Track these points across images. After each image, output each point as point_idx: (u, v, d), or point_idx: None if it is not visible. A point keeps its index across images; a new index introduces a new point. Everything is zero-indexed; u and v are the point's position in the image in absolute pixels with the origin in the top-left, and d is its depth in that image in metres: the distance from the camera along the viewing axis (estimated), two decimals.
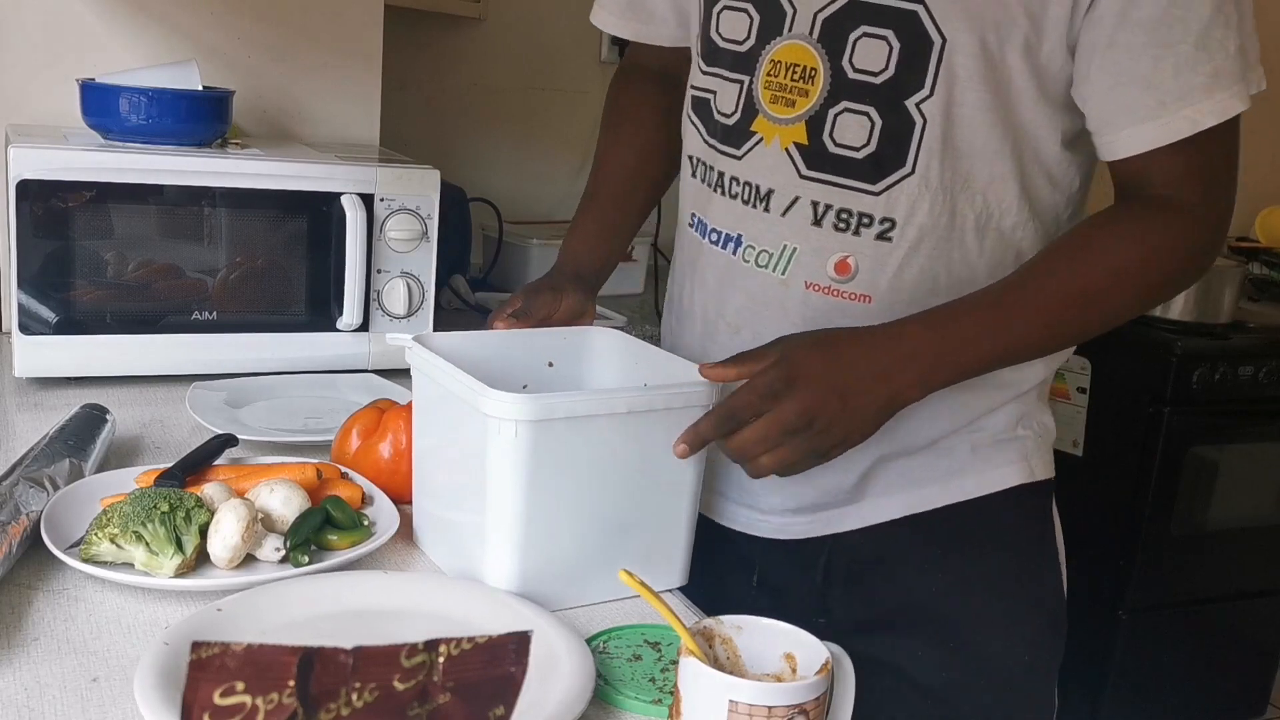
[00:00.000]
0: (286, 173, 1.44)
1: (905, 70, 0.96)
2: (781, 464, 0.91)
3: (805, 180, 1.02)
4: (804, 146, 1.01)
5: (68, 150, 1.35)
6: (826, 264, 1.02)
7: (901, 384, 0.92)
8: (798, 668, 0.78)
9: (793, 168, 1.02)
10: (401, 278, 1.50)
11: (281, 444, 1.23)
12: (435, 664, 0.80)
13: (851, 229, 1.01)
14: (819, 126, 1.00)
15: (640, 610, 0.97)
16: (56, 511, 0.97)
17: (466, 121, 2.43)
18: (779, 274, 1.05)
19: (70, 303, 1.36)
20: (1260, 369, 2.49)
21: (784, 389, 0.89)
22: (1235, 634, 2.71)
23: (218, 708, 0.74)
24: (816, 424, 0.89)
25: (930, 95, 0.96)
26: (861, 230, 1.00)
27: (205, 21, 1.68)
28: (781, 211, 1.03)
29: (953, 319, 0.95)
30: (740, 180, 1.07)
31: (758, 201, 1.05)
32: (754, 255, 1.06)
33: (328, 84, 1.78)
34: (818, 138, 1.00)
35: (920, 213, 0.99)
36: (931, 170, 0.98)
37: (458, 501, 0.99)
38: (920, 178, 0.98)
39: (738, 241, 1.08)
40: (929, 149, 0.97)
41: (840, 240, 1.01)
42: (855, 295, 1.02)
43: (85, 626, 0.87)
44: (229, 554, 0.93)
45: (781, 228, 1.04)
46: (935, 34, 0.95)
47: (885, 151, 0.98)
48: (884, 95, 0.97)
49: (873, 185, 0.99)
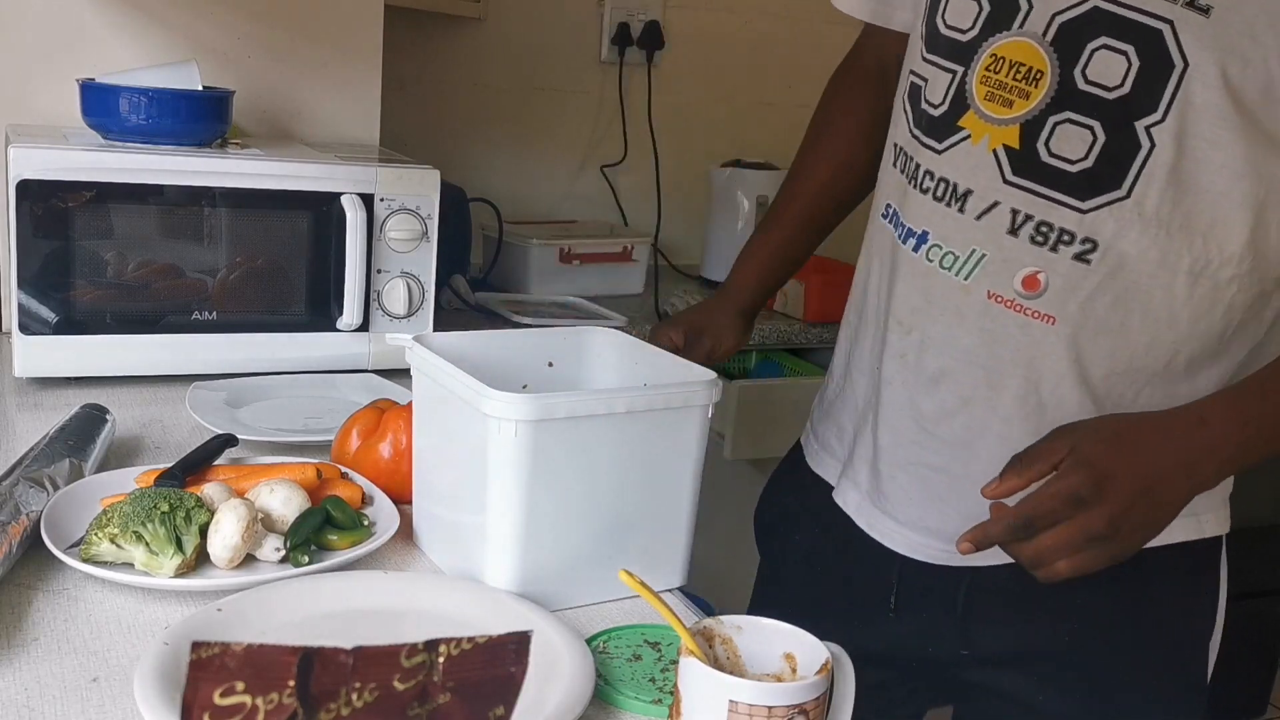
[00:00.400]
0: (286, 173, 1.44)
1: (1141, 90, 0.90)
2: (1078, 570, 0.86)
3: (1009, 185, 0.96)
4: (1014, 150, 0.95)
5: (68, 150, 1.35)
6: (1015, 276, 0.96)
7: (1205, 475, 0.88)
8: (798, 668, 0.78)
9: (997, 170, 0.96)
10: (401, 278, 1.50)
11: (281, 444, 1.23)
12: (435, 664, 0.80)
13: (1049, 244, 0.95)
14: (1035, 132, 0.94)
15: (640, 610, 0.97)
16: (56, 511, 0.97)
17: (466, 121, 2.43)
18: (962, 278, 0.99)
19: (70, 303, 1.36)
20: None
21: (1091, 495, 0.84)
22: (1235, 634, 2.71)
23: (218, 708, 0.74)
24: (1124, 529, 0.85)
25: (1162, 120, 0.90)
26: (1060, 247, 0.94)
27: (205, 21, 1.68)
28: (977, 215, 0.98)
29: (1261, 402, 0.89)
30: (936, 175, 1.01)
31: (953, 200, 0.99)
32: (939, 255, 1.00)
33: (328, 84, 1.78)
34: (1031, 144, 0.95)
35: (1127, 241, 0.93)
36: (1148, 199, 0.91)
37: (458, 501, 0.99)
38: (1135, 204, 0.92)
39: (922, 239, 1.02)
40: (1150, 175, 0.91)
41: (1034, 254, 0.95)
42: (1039, 314, 0.96)
43: (85, 626, 0.87)
44: (229, 554, 0.93)
45: (974, 231, 0.98)
46: (1178, 57, 0.89)
47: (1103, 170, 0.92)
48: (1113, 112, 0.91)
49: (1081, 202, 0.93)
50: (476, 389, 0.91)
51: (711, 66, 2.61)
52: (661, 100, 2.52)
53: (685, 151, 2.52)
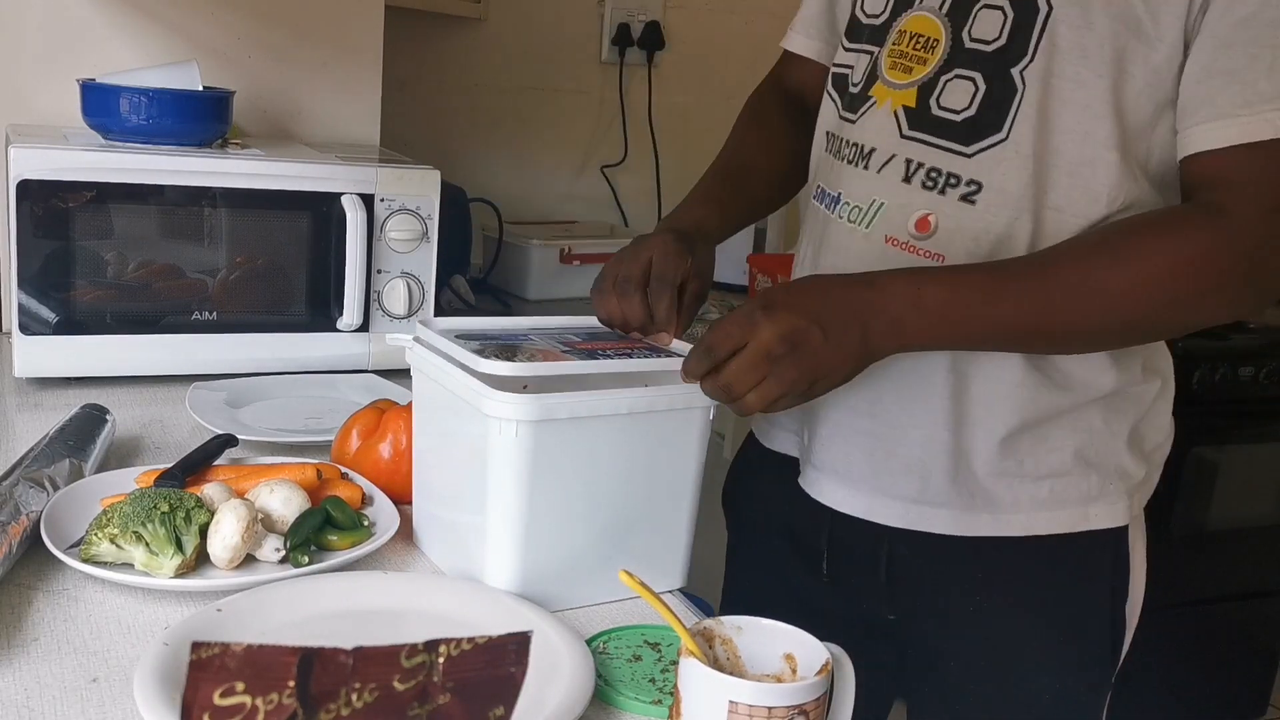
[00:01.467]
0: (286, 173, 1.44)
1: (1015, 39, 0.97)
2: (766, 398, 0.90)
3: (905, 140, 1.03)
4: (910, 109, 1.03)
5: (68, 150, 1.35)
6: (909, 220, 1.03)
7: (875, 328, 0.91)
8: (798, 668, 0.78)
9: (896, 128, 1.04)
10: (402, 278, 1.50)
11: (281, 444, 1.23)
12: (435, 664, 0.80)
13: (939, 188, 1.01)
14: (929, 91, 1.02)
15: (640, 610, 0.97)
16: (56, 511, 0.97)
17: (466, 121, 2.43)
18: (864, 228, 1.06)
19: (70, 303, 1.36)
20: (1260, 369, 2.49)
21: (763, 316, 0.89)
22: (1235, 634, 2.71)
23: (218, 708, 0.74)
24: (798, 350, 0.89)
25: (1031, 62, 0.96)
26: (947, 190, 1.01)
27: (205, 21, 1.68)
28: (878, 169, 1.05)
29: (935, 279, 0.94)
30: (850, 142, 1.09)
31: (860, 160, 1.07)
32: (848, 211, 1.07)
33: (328, 84, 1.78)
34: (925, 101, 1.02)
35: (1008, 180, 0.98)
36: (1024, 139, 0.97)
37: (458, 502, 0.99)
38: (1013, 145, 0.98)
39: (837, 199, 1.09)
40: (1025, 116, 0.97)
41: (925, 198, 1.02)
42: (930, 253, 1.02)
43: (85, 626, 0.87)
44: (229, 554, 0.93)
45: (874, 183, 1.05)
46: (1044, 2, 0.96)
47: (984, 116, 0.99)
48: (993, 62, 0.99)
49: (966, 147, 1.00)
50: (477, 389, 0.91)
51: (711, 66, 2.61)
52: (661, 100, 2.52)
53: (685, 151, 2.52)
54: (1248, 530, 2.63)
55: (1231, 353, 2.46)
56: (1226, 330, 2.50)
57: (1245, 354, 2.47)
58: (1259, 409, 2.54)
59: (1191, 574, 2.58)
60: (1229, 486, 2.57)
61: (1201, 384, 2.43)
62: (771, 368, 0.89)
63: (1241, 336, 2.51)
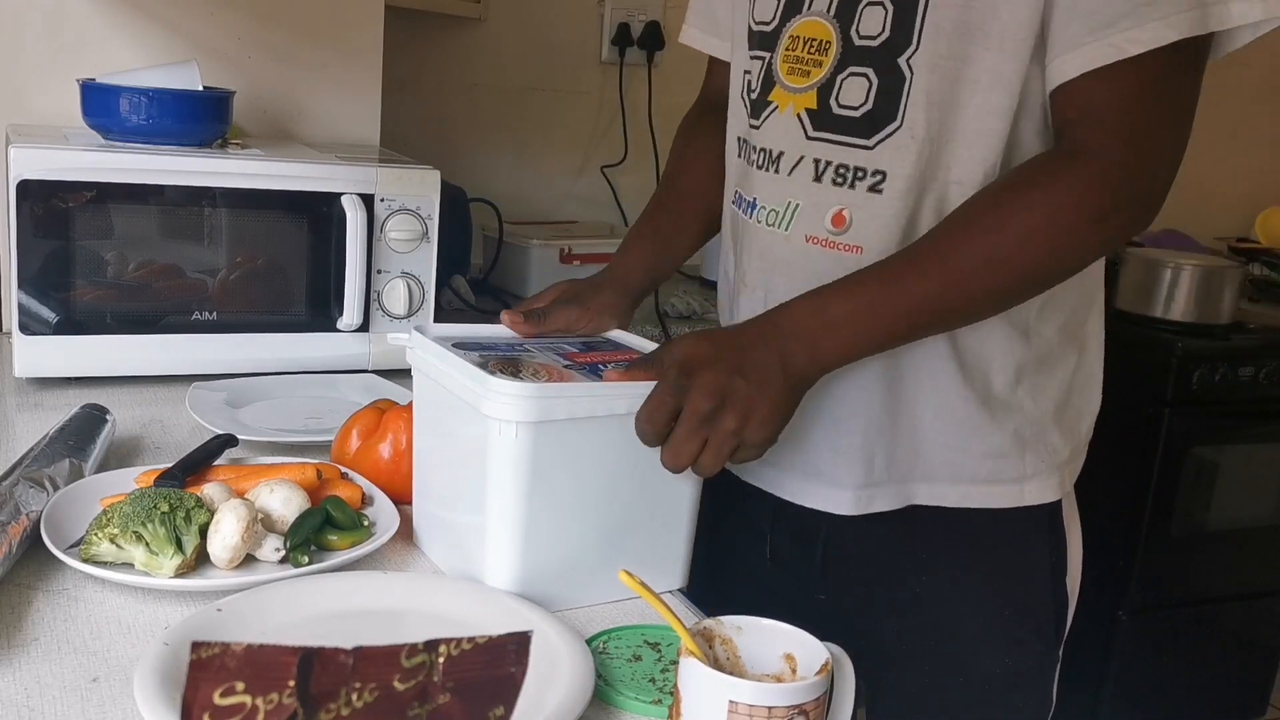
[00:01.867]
0: (286, 173, 1.44)
1: (898, 30, 1.00)
2: (721, 455, 0.91)
3: (811, 141, 1.07)
4: (812, 111, 1.06)
5: (68, 150, 1.35)
6: (825, 217, 1.06)
7: (792, 358, 0.93)
8: (798, 668, 0.78)
9: (801, 131, 1.07)
10: (402, 278, 1.50)
11: (281, 444, 1.23)
12: (435, 664, 0.80)
13: (848, 183, 1.04)
14: (828, 92, 1.05)
15: (640, 610, 0.97)
16: (56, 511, 0.97)
17: (466, 121, 2.43)
18: (783, 230, 1.09)
19: (70, 303, 1.36)
20: (1260, 369, 2.49)
21: (685, 381, 0.90)
22: (1235, 634, 2.71)
23: (218, 708, 0.74)
24: (728, 401, 0.90)
25: (916, 49, 0.99)
26: (856, 184, 1.04)
27: (206, 22, 1.68)
28: (789, 171, 1.08)
29: (835, 296, 0.96)
30: (757, 147, 1.12)
31: (770, 164, 1.10)
32: (765, 215, 1.11)
33: (328, 84, 1.78)
34: (825, 102, 1.05)
35: (908, 164, 1.01)
36: (918, 123, 1.00)
37: (458, 502, 0.99)
38: (908, 130, 1.01)
39: (753, 205, 1.13)
40: (915, 102, 1.00)
41: (838, 194, 1.05)
42: (848, 246, 1.05)
43: (85, 626, 0.87)
44: (229, 554, 0.93)
45: (787, 185, 1.08)
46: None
47: (880, 108, 1.02)
48: (881, 55, 1.02)
49: (867, 140, 1.03)
50: (476, 390, 0.91)
51: None
52: (662, 100, 2.52)
53: None
54: (1248, 530, 2.63)
55: (1231, 353, 2.46)
56: (1226, 330, 2.51)
57: (1245, 354, 2.47)
58: (1259, 409, 2.54)
59: (1191, 574, 2.58)
60: (1229, 486, 2.57)
61: (1201, 384, 2.43)
62: (709, 427, 0.90)
63: (1241, 336, 2.51)
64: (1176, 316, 2.48)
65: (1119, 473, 2.51)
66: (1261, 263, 3.05)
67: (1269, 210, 3.35)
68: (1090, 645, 2.56)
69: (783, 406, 0.93)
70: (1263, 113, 3.33)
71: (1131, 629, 2.54)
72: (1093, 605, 2.59)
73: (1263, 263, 3.05)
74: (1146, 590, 2.53)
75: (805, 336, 0.94)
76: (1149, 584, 2.53)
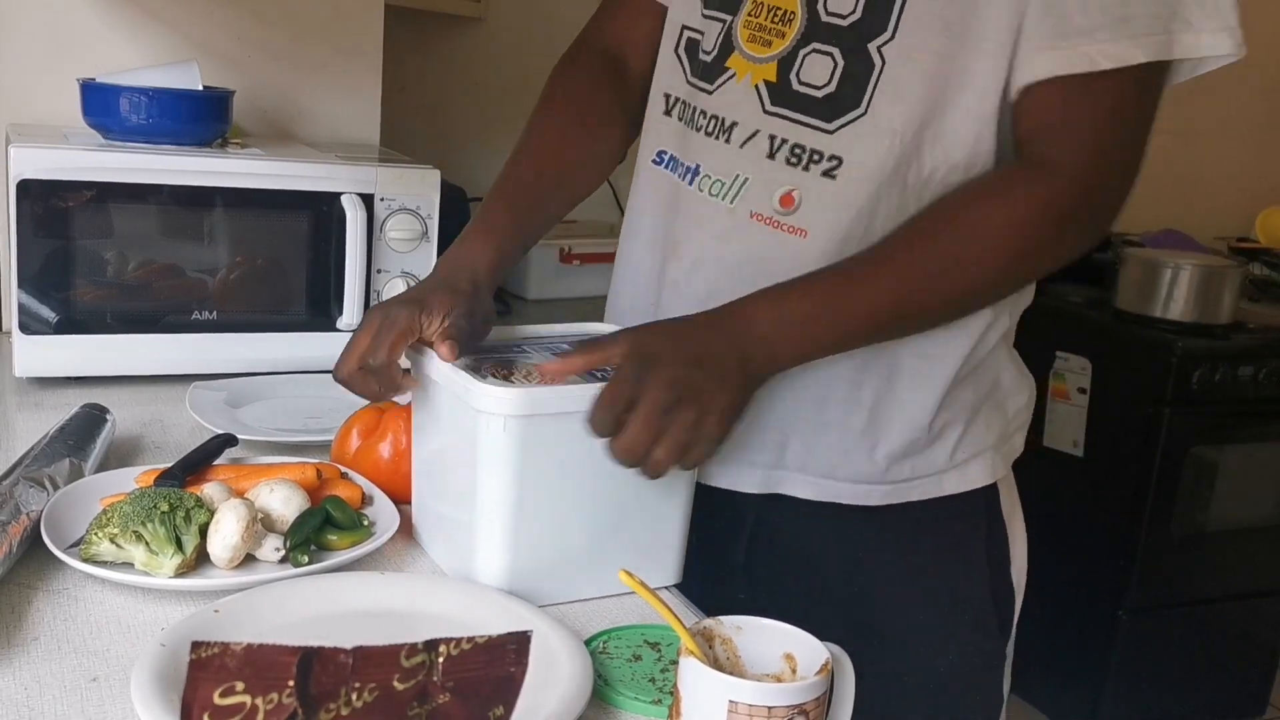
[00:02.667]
0: (286, 173, 1.44)
1: (870, 12, 0.98)
2: (677, 448, 0.89)
3: (768, 115, 1.04)
4: (772, 84, 1.04)
5: (68, 150, 1.35)
6: (773, 196, 1.03)
7: (751, 354, 0.93)
8: (798, 668, 0.78)
9: (758, 102, 1.04)
10: (401, 277, 1.51)
11: (281, 444, 1.23)
12: (435, 664, 0.81)
13: (802, 164, 1.02)
14: (789, 66, 1.03)
15: (640, 610, 0.97)
16: (56, 511, 0.97)
17: (466, 121, 2.43)
18: (728, 203, 1.06)
19: (70, 302, 1.36)
20: (1260, 369, 2.49)
21: (643, 373, 0.88)
22: (1235, 634, 2.72)
23: (217, 708, 0.74)
24: (686, 394, 0.89)
25: (891, 39, 0.97)
26: (811, 166, 1.02)
27: (206, 21, 1.68)
28: (741, 143, 1.05)
29: (794, 295, 0.95)
30: (708, 114, 1.08)
31: (721, 133, 1.07)
32: (709, 185, 1.08)
33: (328, 84, 1.78)
34: (786, 76, 1.03)
35: (868, 154, 0.99)
36: (882, 114, 0.98)
37: (453, 498, 0.99)
38: (872, 119, 0.99)
39: (695, 171, 1.09)
40: (884, 92, 0.98)
41: (790, 174, 1.03)
42: (793, 229, 1.02)
43: (85, 626, 0.87)
44: (229, 554, 0.93)
45: (737, 158, 1.05)
46: None
47: (844, 92, 1.00)
48: (849, 37, 0.99)
49: (827, 124, 1.01)
50: (465, 383, 0.91)
51: None
52: None
53: None
54: (1247, 530, 2.63)
55: (1231, 353, 2.46)
56: (1226, 330, 2.51)
57: (1245, 354, 2.47)
58: (1259, 409, 2.54)
59: (1191, 574, 2.58)
60: (1229, 486, 2.57)
61: (1201, 384, 2.43)
62: (666, 419, 0.88)
63: (1242, 336, 2.51)
64: (1176, 316, 2.49)
65: (1119, 473, 2.51)
66: (1261, 263, 3.05)
67: (1269, 210, 3.35)
68: (1090, 645, 2.56)
69: (738, 403, 0.92)
70: (1263, 113, 3.33)
71: (1131, 629, 2.54)
72: (1093, 605, 2.61)
73: (1263, 263, 3.05)
74: (1146, 590, 2.53)
75: (763, 335, 0.93)
76: (1149, 584, 2.53)
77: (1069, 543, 2.58)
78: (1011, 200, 0.96)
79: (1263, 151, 3.38)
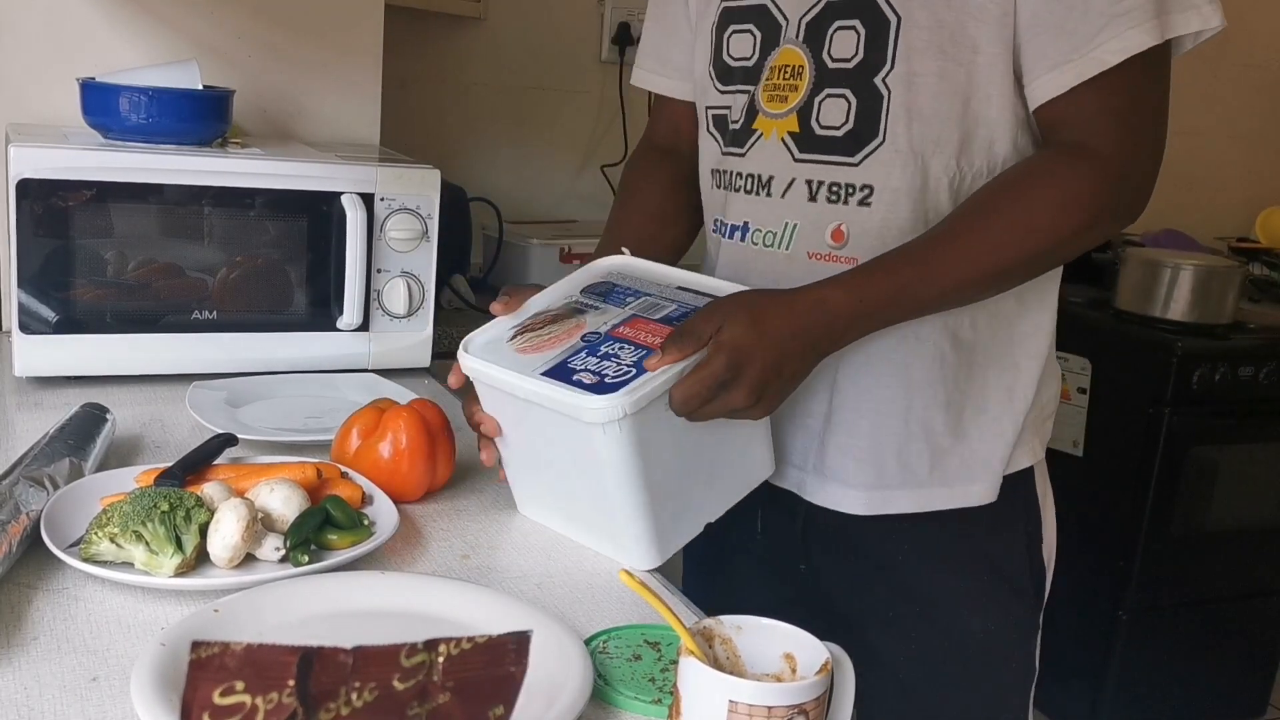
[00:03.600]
0: (287, 172, 1.44)
1: (870, 51, 1.06)
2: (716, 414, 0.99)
3: (799, 163, 1.12)
4: (795, 134, 1.12)
5: (68, 149, 1.35)
6: (824, 233, 1.11)
7: (824, 348, 1.02)
8: (798, 668, 0.78)
9: (788, 154, 1.12)
10: (402, 277, 1.51)
11: (281, 444, 1.23)
12: (435, 664, 0.80)
13: (841, 199, 1.10)
14: (808, 115, 1.11)
15: (640, 610, 0.97)
16: (56, 511, 0.97)
17: (466, 121, 2.43)
18: (784, 250, 1.13)
19: (70, 302, 1.36)
20: (1260, 369, 2.49)
21: (731, 379, 0.97)
22: (1235, 634, 2.71)
23: (217, 707, 0.74)
24: (762, 400, 0.99)
25: (892, 69, 1.05)
26: (849, 199, 1.09)
27: (206, 21, 1.68)
28: (781, 194, 1.13)
29: (872, 282, 1.02)
30: (744, 174, 1.17)
31: (760, 189, 1.15)
32: (760, 237, 1.15)
33: (328, 83, 1.78)
34: (806, 124, 1.11)
35: (894, 177, 1.07)
36: (899, 137, 1.06)
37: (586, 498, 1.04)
38: (890, 145, 1.06)
39: (744, 229, 1.17)
40: (895, 117, 1.05)
41: (834, 211, 1.10)
42: (847, 259, 1.09)
43: (85, 626, 0.87)
44: (229, 554, 0.93)
45: (782, 208, 1.13)
46: (891, 13, 1.04)
47: (862, 126, 1.07)
48: (856, 76, 1.07)
49: (852, 158, 1.08)
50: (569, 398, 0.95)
51: None
52: None
53: None
54: (1248, 530, 2.63)
55: (1231, 353, 2.46)
56: (1226, 330, 2.51)
57: (1245, 354, 2.47)
58: (1259, 409, 2.54)
59: (1191, 574, 2.58)
60: (1229, 486, 2.57)
61: (1201, 384, 2.43)
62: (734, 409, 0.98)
63: (1242, 336, 2.51)
64: (1176, 316, 2.48)
65: (1119, 473, 2.51)
66: (1261, 263, 3.05)
67: (1269, 210, 3.35)
68: (1090, 645, 2.56)
69: (790, 393, 1.02)
70: (1264, 113, 3.33)
71: (1131, 629, 2.54)
72: (1093, 605, 2.61)
73: (1263, 263, 3.05)
74: (1146, 590, 2.53)
75: (838, 329, 1.01)
76: (1149, 584, 2.53)
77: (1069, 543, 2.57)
78: (1058, 183, 1.02)
79: (1263, 151, 3.39)
